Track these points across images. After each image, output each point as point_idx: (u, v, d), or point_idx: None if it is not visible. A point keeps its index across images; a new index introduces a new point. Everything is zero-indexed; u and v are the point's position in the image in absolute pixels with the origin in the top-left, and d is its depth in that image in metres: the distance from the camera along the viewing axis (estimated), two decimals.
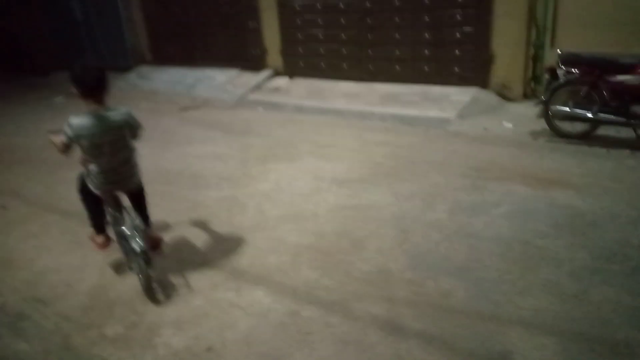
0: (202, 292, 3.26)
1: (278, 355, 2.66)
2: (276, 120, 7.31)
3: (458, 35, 6.95)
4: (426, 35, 7.24)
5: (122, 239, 3.28)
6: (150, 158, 5.92)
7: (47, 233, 4.26)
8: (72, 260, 3.78)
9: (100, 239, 3.56)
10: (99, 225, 3.55)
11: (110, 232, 3.52)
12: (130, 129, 3.28)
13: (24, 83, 12.57)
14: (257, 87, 8.69)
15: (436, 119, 6.36)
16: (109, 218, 3.45)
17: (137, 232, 3.13)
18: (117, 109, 3.22)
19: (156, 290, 3.26)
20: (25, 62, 13.61)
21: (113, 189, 3.31)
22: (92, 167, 3.21)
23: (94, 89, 3.07)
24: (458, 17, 6.88)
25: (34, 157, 6.27)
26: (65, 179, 5.41)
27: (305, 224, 4.06)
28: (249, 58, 9.33)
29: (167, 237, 3.98)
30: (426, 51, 7.31)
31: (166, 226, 4.20)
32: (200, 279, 3.40)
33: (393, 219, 4.02)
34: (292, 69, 8.88)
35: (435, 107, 6.67)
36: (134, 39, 11.30)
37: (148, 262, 3.08)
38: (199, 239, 3.96)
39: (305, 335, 2.78)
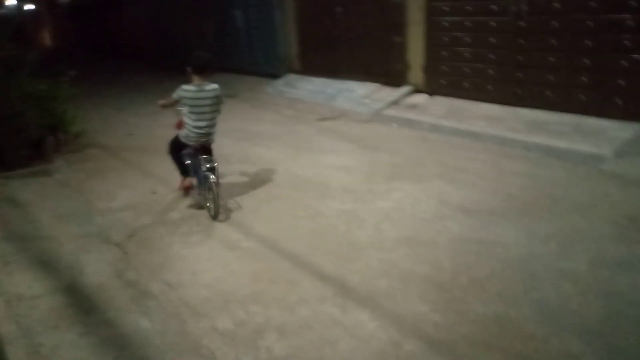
0: (310, 302, 3.30)
1: None
2: (409, 137, 7.18)
3: (624, 63, 6.15)
4: (586, 60, 6.55)
5: (202, 177, 4.60)
6: (283, 163, 6.23)
7: (184, 221, 4.68)
8: (201, 251, 4.09)
9: (187, 181, 4.97)
10: (185, 172, 4.94)
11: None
12: (218, 100, 4.65)
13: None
14: (395, 103, 8.63)
15: (588, 155, 5.71)
16: (191, 164, 4.78)
17: (212, 170, 4.51)
18: (212, 84, 4.62)
19: (220, 212, 4.60)
20: None
21: (202, 141, 4.65)
22: (191, 124, 4.57)
23: (202, 69, 4.56)
24: (626, 42, 6.10)
25: None
26: None
27: (422, 250, 3.90)
28: (390, 73, 9.32)
29: (284, 241, 4.12)
30: (584, 78, 6.61)
31: (285, 230, 4.35)
32: (310, 289, 3.45)
33: (521, 261, 3.68)
34: (432, 87, 8.67)
35: (588, 141, 5.99)
36: (285, 48, 11.98)
37: (218, 190, 4.50)
38: (313, 248, 4.02)
39: None
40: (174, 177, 5.90)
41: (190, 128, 4.57)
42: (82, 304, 3.21)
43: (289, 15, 11.66)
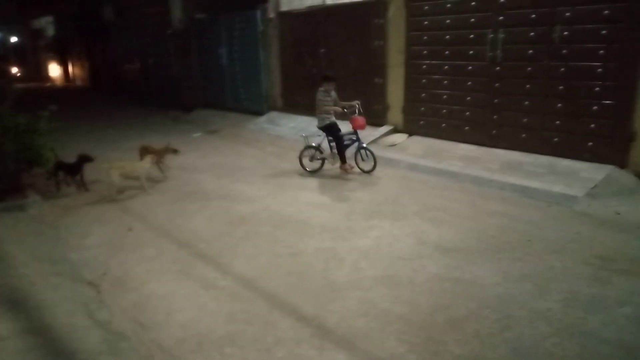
0: (287, 344, 3.26)
1: None
2: (388, 176, 7.27)
3: (595, 108, 6.42)
4: (559, 104, 6.81)
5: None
6: (264, 200, 6.23)
7: (160, 259, 4.61)
8: (176, 290, 4.03)
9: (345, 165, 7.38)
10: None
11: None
12: (335, 97, 7.14)
13: (171, 116, 14.10)
14: (374, 142, 8.77)
15: (561, 195, 5.86)
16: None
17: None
18: (331, 89, 7.15)
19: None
20: (176, 97, 15.33)
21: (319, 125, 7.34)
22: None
23: (333, 79, 7.15)
24: (597, 88, 6.38)
25: (163, 186, 6.92)
26: (186, 210, 5.90)
27: (400, 290, 3.91)
28: (370, 113, 9.48)
29: (262, 281, 4.09)
30: (557, 121, 6.85)
31: (263, 269, 4.32)
32: (287, 330, 3.41)
33: (497, 301, 3.70)
34: (411, 127, 8.87)
35: (561, 182, 6.16)
36: (268, 86, 12.18)
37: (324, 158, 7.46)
38: (291, 287, 4.00)
39: None
40: (152, 214, 5.88)
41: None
42: (51, 346, 3.11)
43: (272, 54, 11.91)
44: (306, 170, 7.50)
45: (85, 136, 10.91)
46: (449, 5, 7.92)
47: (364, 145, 7.35)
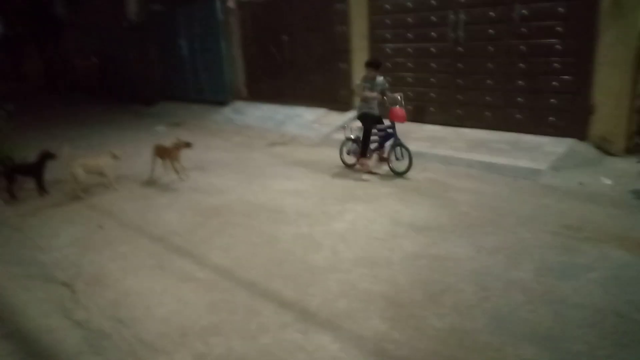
0: (271, 330, 3.27)
1: None
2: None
3: (555, 83, 6.63)
4: (520, 82, 7.00)
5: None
6: (236, 190, 6.18)
7: (135, 255, 4.53)
8: (154, 285, 3.97)
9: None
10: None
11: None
12: (383, 87, 6.45)
13: (132, 111, 13.75)
14: (343, 127, 8.80)
15: (526, 170, 6.04)
16: None
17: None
18: (380, 77, 6.47)
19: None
20: (136, 92, 14.93)
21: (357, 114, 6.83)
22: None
23: (374, 66, 6.36)
24: (556, 65, 6.59)
25: (132, 181, 6.77)
26: (157, 205, 5.80)
27: (378, 270, 3.97)
28: (337, 98, 9.53)
29: (241, 270, 4.08)
30: (519, 99, 7.04)
31: (242, 258, 4.30)
32: (270, 316, 3.42)
33: (473, 274, 3.81)
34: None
35: (526, 156, 6.35)
36: (232, 75, 12.01)
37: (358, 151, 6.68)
38: (271, 274, 4.00)
39: None
40: (122, 210, 5.75)
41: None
42: (29, 349, 3.03)
43: (234, 44, 11.74)
44: (345, 164, 6.88)
45: (44, 136, 10.51)
46: None
47: (400, 141, 6.40)
